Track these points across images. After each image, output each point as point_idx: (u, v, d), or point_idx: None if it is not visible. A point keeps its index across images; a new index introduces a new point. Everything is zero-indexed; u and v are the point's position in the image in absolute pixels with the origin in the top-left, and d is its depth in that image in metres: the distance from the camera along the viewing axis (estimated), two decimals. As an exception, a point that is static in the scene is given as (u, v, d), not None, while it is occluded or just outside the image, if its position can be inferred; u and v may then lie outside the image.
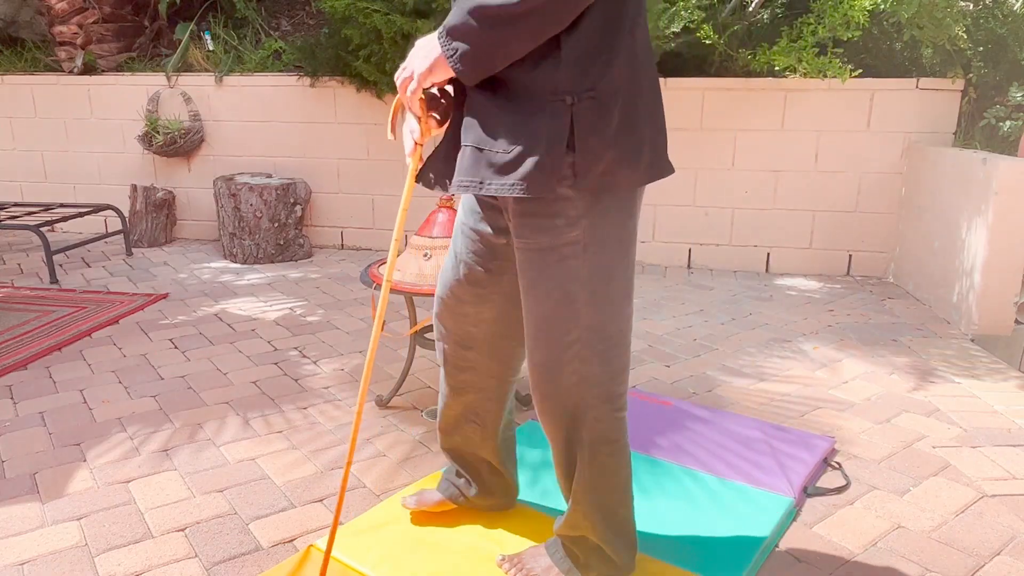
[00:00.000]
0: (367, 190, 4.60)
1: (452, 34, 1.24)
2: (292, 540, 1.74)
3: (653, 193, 4.24)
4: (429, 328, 2.48)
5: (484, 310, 1.55)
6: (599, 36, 1.25)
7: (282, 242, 4.35)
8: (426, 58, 1.28)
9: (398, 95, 1.36)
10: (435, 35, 1.27)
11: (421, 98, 1.34)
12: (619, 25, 1.26)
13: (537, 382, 1.44)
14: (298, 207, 4.39)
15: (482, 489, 1.77)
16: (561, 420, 1.44)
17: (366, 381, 1.37)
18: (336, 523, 1.53)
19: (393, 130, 1.43)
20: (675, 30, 3.82)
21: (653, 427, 2.26)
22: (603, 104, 1.26)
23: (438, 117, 1.38)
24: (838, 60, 3.68)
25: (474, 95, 1.32)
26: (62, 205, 4.48)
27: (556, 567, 1.54)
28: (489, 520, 1.78)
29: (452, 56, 1.25)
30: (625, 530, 1.53)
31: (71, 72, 4.79)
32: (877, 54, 4.09)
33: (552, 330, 1.38)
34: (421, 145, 1.40)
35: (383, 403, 2.45)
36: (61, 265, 4.23)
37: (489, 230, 1.49)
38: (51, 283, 3.84)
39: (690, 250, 4.30)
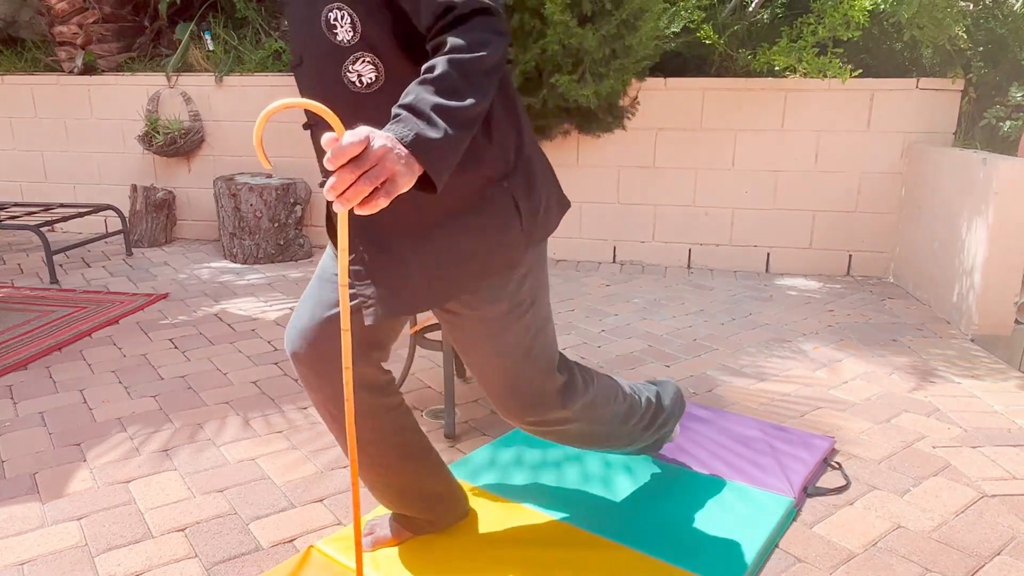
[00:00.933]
0: (367, 190, 4.59)
1: (433, 145, 1.01)
2: (292, 540, 1.74)
3: (653, 193, 4.24)
4: (430, 328, 2.48)
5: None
6: (499, 108, 1.28)
7: (282, 242, 4.35)
8: (409, 168, 0.99)
9: (263, 117, 0.97)
10: (393, 138, 0.99)
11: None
12: (508, 88, 1.30)
13: (521, 405, 1.50)
14: (298, 207, 4.39)
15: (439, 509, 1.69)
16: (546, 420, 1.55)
17: (349, 389, 1.37)
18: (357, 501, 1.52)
19: (264, 152, 1.01)
20: (675, 30, 3.83)
21: (653, 427, 2.26)
22: (528, 167, 1.33)
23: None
24: (838, 60, 3.68)
25: (403, 198, 1.14)
26: (62, 205, 4.48)
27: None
28: (488, 521, 1.78)
29: (438, 172, 1.03)
30: (660, 409, 1.80)
31: (71, 72, 4.79)
32: (877, 54, 4.10)
33: (515, 371, 1.46)
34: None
35: (383, 403, 2.44)
36: (61, 265, 4.23)
37: None
38: (51, 283, 3.84)
39: (690, 250, 4.30)
